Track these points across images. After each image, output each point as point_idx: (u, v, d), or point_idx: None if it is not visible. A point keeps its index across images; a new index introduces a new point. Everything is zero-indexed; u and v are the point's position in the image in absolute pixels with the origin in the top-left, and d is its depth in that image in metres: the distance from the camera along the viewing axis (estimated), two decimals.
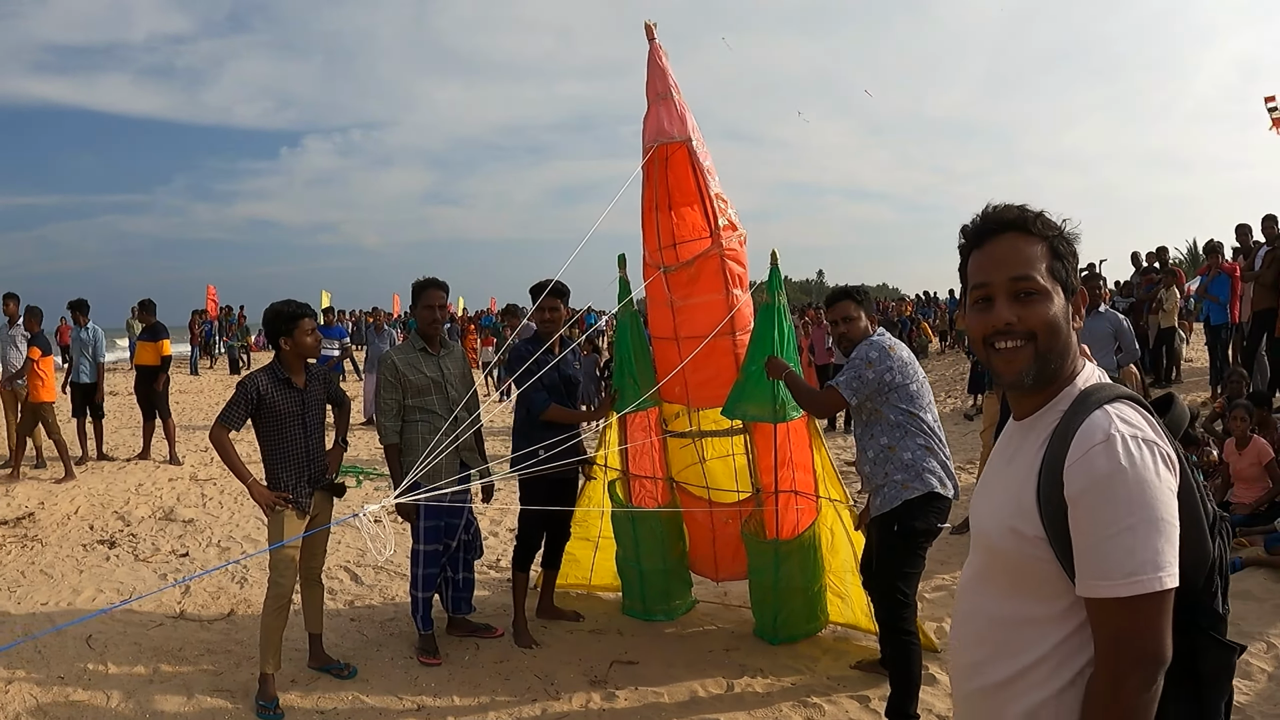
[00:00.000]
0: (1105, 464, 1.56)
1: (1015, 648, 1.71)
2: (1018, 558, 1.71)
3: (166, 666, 5.24)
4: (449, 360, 5.42)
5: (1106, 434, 1.58)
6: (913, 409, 4.42)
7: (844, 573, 5.54)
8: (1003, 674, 1.73)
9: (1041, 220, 1.79)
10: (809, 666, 5.20)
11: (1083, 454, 1.59)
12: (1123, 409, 1.64)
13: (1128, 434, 1.58)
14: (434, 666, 5.22)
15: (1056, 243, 1.78)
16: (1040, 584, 1.68)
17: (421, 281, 5.43)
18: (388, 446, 5.29)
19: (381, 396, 5.27)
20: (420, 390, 5.26)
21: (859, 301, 4.67)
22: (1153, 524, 1.54)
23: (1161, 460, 1.58)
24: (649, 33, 4.98)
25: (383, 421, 5.27)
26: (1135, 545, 1.53)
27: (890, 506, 4.38)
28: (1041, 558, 1.66)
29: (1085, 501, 1.58)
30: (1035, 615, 1.69)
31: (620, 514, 5.76)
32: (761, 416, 5.10)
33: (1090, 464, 1.58)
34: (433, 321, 5.38)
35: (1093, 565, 1.57)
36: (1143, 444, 1.58)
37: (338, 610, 6.13)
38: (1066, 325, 1.75)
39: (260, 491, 4.80)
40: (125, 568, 7.28)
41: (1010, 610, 1.74)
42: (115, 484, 10.41)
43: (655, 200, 5.19)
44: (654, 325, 5.60)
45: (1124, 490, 1.55)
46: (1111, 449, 1.57)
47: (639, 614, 5.94)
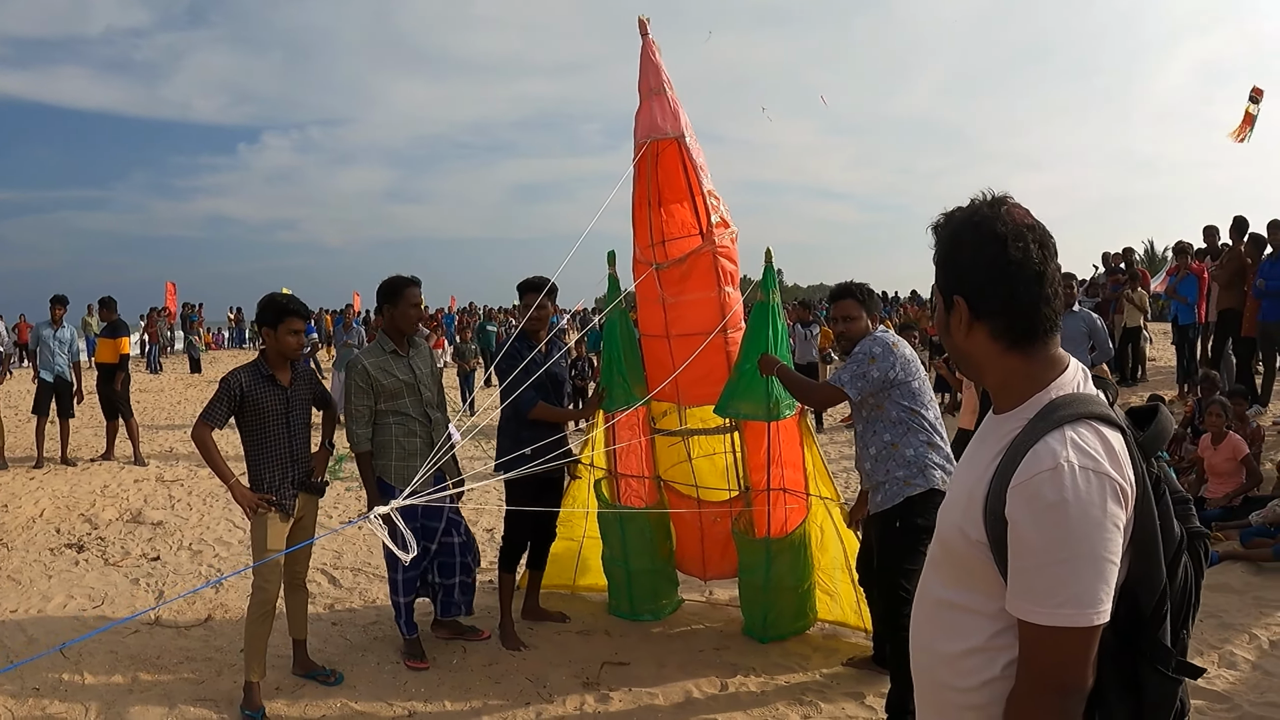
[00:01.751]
0: (1049, 494, 1.53)
1: (958, 632, 1.74)
2: (961, 554, 1.72)
3: (145, 675, 5.12)
4: (419, 360, 5.30)
5: (1055, 462, 1.54)
6: (915, 406, 4.44)
7: (833, 570, 5.54)
8: (949, 650, 1.75)
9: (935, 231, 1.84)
10: (801, 664, 5.19)
11: (1028, 478, 1.56)
12: (1083, 433, 1.59)
13: (1079, 464, 1.54)
14: (422, 671, 5.14)
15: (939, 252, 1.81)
16: (979, 582, 1.69)
17: (399, 280, 5.27)
18: (360, 454, 5.15)
19: (353, 403, 5.10)
20: (393, 394, 5.13)
21: (861, 300, 4.65)
22: (1089, 560, 1.52)
23: (1111, 494, 1.54)
24: (642, 27, 4.93)
25: (354, 429, 5.11)
26: (1067, 579, 1.52)
27: (892, 503, 4.40)
28: (982, 560, 1.66)
29: (1023, 527, 1.56)
30: (975, 608, 1.71)
31: (607, 514, 5.71)
32: (755, 415, 5.07)
33: (1033, 491, 1.55)
34: (416, 321, 5.28)
35: (1022, 588, 1.57)
36: (1093, 476, 1.53)
37: (318, 615, 6.02)
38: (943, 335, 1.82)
39: (242, 492, 4.70)
40: (95, 572, 7.12)
41: (953, 597, 1.76)
42: (80, 486, 10.19)
43: (647, 197, 5.14)
44: (644, 323, 5.54)
45: (1064, 523, 1.52)
46: (1058, 479, 1.53)
47: (626, 614, 5.89)
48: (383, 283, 5.28)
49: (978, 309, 1.72)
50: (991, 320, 1.72)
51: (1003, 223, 1.69)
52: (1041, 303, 1.69)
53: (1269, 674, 4.76)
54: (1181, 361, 12.64)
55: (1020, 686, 1.61)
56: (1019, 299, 1.68)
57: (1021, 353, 1.71)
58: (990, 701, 1.67)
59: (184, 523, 8.65)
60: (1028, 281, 1.68)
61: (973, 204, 1.76)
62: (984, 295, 1.71)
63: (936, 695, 1.81)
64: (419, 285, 5.32)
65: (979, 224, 1.72)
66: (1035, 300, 1.69)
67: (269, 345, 4.83)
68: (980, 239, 1.70)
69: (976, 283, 1.71)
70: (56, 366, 11.30)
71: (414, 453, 5.10)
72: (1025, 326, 1.70)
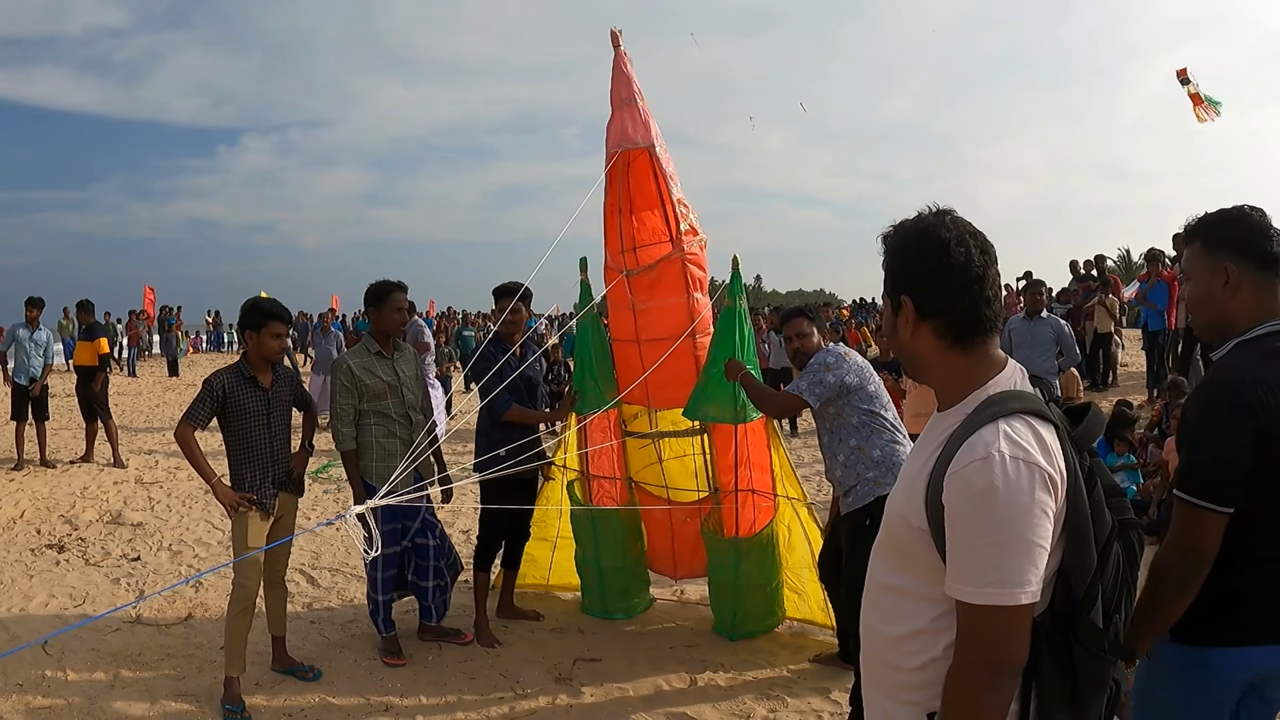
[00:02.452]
0: (979, 480, 1.64)
1: (902, 615, 1.84)
2: (904, 540, 1.82)
3: (127, 672, 5.21)
4: (403, 362, 5.43)
5: (987, 452, 1.65)
6: (874, 408, 4.65)
7: (801, 569, 5.68)
8: (894, 632, 1.86)
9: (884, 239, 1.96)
10: (769, 661, 5.32)
11: (962, 467, 1.67)
12: (1015, 425, 1.69)
13: (1009, 454, 1.64)
14: (398, 667, 5.25)
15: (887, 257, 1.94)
16: (922, 566, 1.79)
17: (385, 285, 5.42)
18: (345, 453, 5.28)
19: (338, 403, 5.24)
20: (376, 395, 5.26)
21: (811, 319, 5.03)
22: (1017, 543, 1.63)
23: (1040, 483, 1.65)
24: (614, 40, 5.06)
25: (339, 428, 5.24)
26: (997, 561, 1.63)
27: (864, 502, 4.57)
28: (924, 545, 1.77)
29: (957, 512, 1.67)
30: (917, 591, 1.81)
31: (580, 513, 5.83)
32: (722, 418, 5.21)
33: (966, 479, 1.66)
34: (400, 324, 5.42)
35: (957, 570, 1.68)
36: (1022, 465, 1.64)
37: (296, 613, 6.10)
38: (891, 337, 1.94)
39: (224, 491, 4.80)
40: (76, 572, 7.19)
41: (897, 581, 1.86)
42: (60, 487, 10.23)
43: (619, 205, 5.27)
44: (615, 328, 5.66)
45: (993, 508, 1.63)
46: (989, 467, 1.64)
47: (598, 612, 6.01)
48: (369, 287, 5.43)
49: (923, 308, 1.84)
50: (935, 319, 1.83)
51: (946, 229, 1.83)
52: (982, 303, 1.82)
53: None
54: (1151, 367, 12.84)
55: (957, 663, 1.71)
56: (961, 299, 1.81)
57: (963, 351, 1.83)
58: (933, 680, 1.77)
59: (164, 524, 8.72)
60: (969, 283, 1.80)
61: (919, 214, 1.90)
62: (929, 295, 1.83)
63: (882, 675, 1.91)
64: (404, 290, 5.48)
65: (925, 230, 1.85)
66: (976, 301, 1.81)
67: (251, 348, 4.96)
68: (926, 243, 1.83)
69: (922, 283, 1.84)
70: (32, 369, 11.28)
71: (393, 453, 5.21)
72: (967, 325, 1.82)
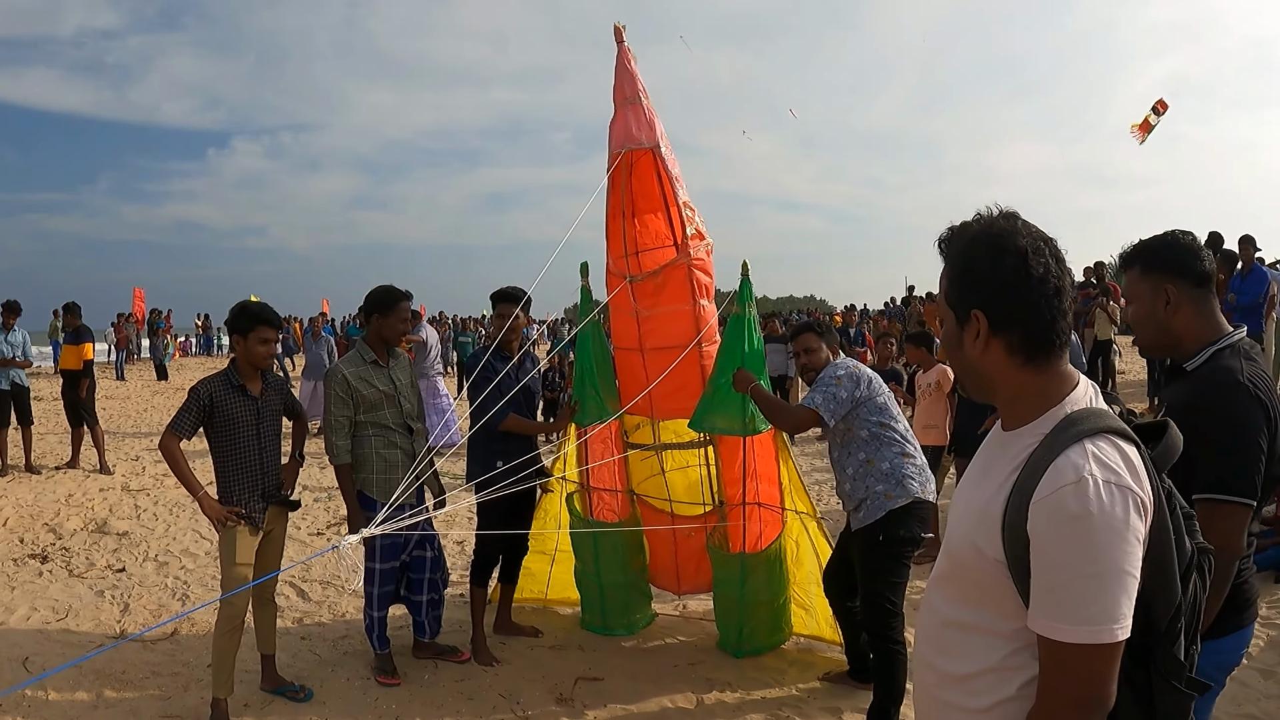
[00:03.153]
0: (1073, 507, 1.52)
1: (966, 652, 1.73)
2: (975, 572, 1.70)
3: (110, 691, 5.02)
4: (399, 371, 5.25)
5: (1079, 475, 1.53)
6: (884, 420, 4.56)
7: (809, 584, 5.52)
8: (958, 670, 1.74)
9: (944, 243, 1.81)
10: (777, 679, 5.17)
11: (1052, 491, 1.55)
12: (1103, 446, 1.58)
13: (1101, 478, 1.53)
14: (393, 686, 5.07)
15: (951, 265, 1.78)
16: (994, 600, 1.67)
17: (394, 293, 5.21)
18: (339, 466, 5.07)
19: (333, 413, 5.03)
20: (373, 405, 5.07)
21: (820, 334, 4.86)
22: (1113, 575, 1.52)
23: (1134, 508, 1.54)
24: (618, 35, 4.90)
25: (334, 440, 5.03)
26: (1092, 594, 1.52)
27: (875, 517, 4.46)
28: (998, 577, 1.65)
29: (1047, 541, 1.55)
30: (988, 627, 1.69)
31: (579, 528, 5.66)
32: (730, 430, 5.04)
33: (1058, 504, 1.54)
34: (402, 335, 5.26)
35: (1046, 605, 1.56)
36: (1115, 490, 1.53)
37: (287, 629, 5.94)
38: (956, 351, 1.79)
39: (211, 505, 4.62)
40: (59, 584, 7.00)
41: (965, 617, 1.74)
42: (44, 494, 10.04)
43: (621, 207, 5.11)
44: (618, 335, 5.50)
45: (1088, 537, 1.51)
46: (1082, 492, 1.52)
47: (599, 629, 5.84)
48: (374, 292, 5.21)
49: (997, 323, 1.70)
50: (1009, 334, 1.70)
51: (1021, 235, 1.68)
52: (1060, 317, 1.69)
53: (1245, 685, 4.78)
54: (1152, 375, 12.75)
55: (1042, 704, 1.60)
56: (1040, 313, 1.68)
57: (1036, 368, 1.70)
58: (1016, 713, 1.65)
59: (150, 533, 8.52)
60: (1049, 295, 1.67)
61: (985, 218, 1.75)
62: (1004, 309, 1.70)
63: (942, 715, 1.79)
64: (410, 299, 5.32)
65: (998, 236, 1.70)
66: (1054, 314, 1.68)
67: (239, 354, 4.77)
68: (999, 251, 1.69)
69: (997, 296, 1.70)
70: (13, 373, 11.08)
71: (395, 464, 5.04)
72: (1043, 341, 1.69)
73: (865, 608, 4.60)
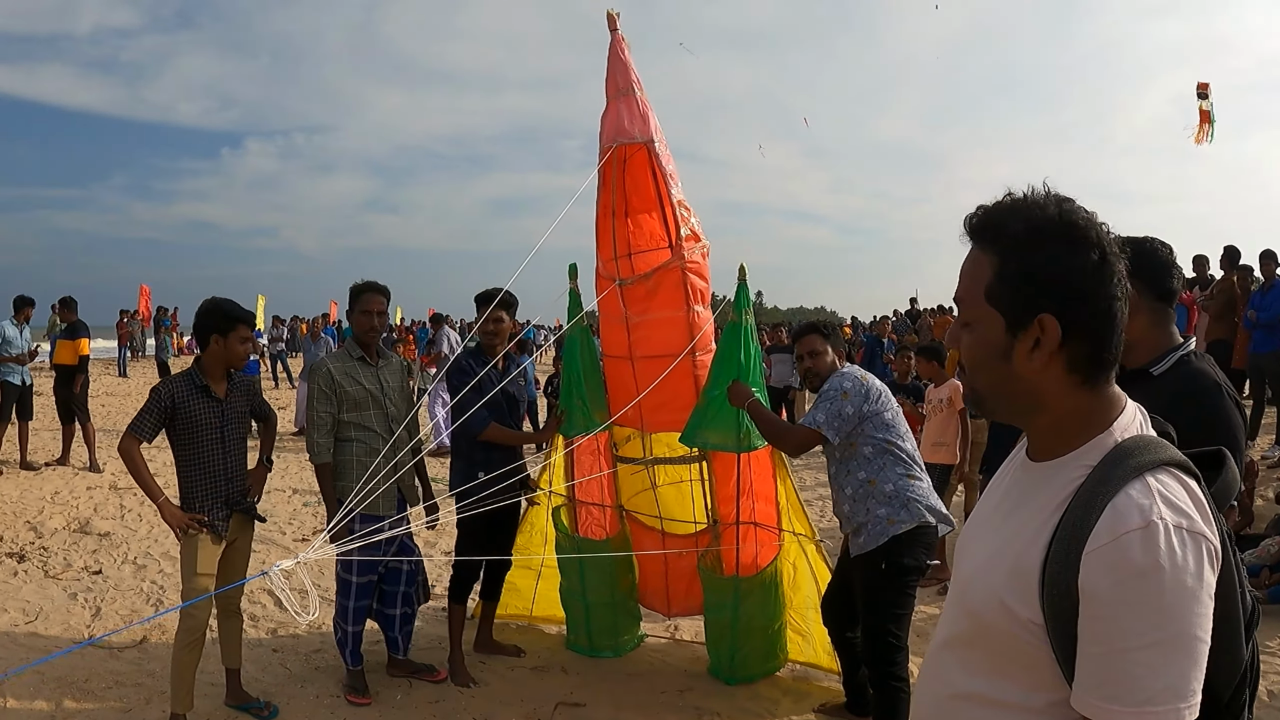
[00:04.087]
0: (1141, 559, 1.23)
1: None
2: (1001, 634, 1.39)
3: (70, 701, 4.78)
4: (387, 372, 5.00)
5: (1147, 520, 1.25)
6: (890, 437, 4.20)
7: (805, 610, 5.23)
8: None
9: (992, 229, 1.43)
10: (770, 710, 4.89)
11: (1113, 540, 1.26)
12: (1168, 483, 1.30)
13: (1172, 523, 1.25)
14: (363, 706, 4.81)
15: (1006, 259, 1.41)
16: (1028, 671, 1.37)
17: (359, 285, 5.01)
18: (319, 466, 4.84)
19: (315, 409, 4.81)
20: (357, 404, 4.83)
21: (825, 335, 4.49)
22: (1183, 642, 1.23)
23: (1207, 559, 1.26)
24: (611, 23, 4.62)
25: (315, 437, 4.80)
26: (1158, 666, 1.23)
27: (877, 543, 4.13)
28: (1033, 644, 1.34)
29: (1106, 601, 1.25)
30: (1015, 702, 1.39)
31: (565, 544, 5.39)
32: (724, 445, 4.75)
33: (1121, 555, 1.24)
34: (369, 329, 4.94)
35: (1100, 680, 1.27)
36: (1188, 537, 1.25)
37: (259, 639, 5.69)
38: (998, 364, 1.42)
39: (171, 512, 4.39)
40: (33, 584, 6.77)
41: (985, 690, 1.43)
42: (30, 491, 9.82)
43: (612, 206, 4.83)
44: (607, 343, 5.22)
45: (1158, 596, 1.23)
46: (1151, 541, 1.24)
47: (584, 650, 5.57)
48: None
49: (1070, 331, 1.38)
50: (1079, 347, 1.38)
51: (1094, 226, 1.38)
52: (1123, 328, 1.40)
53: None
54: None
55: None
56: (1118, 324, 1.38)
57: (1094, 388, 1.41)
58: None
59: (132, 534, 8.28)
60: (1123, 301, 1.38)
61: (1040, 199, 1.41)
62: (1081, 314, 1.37)
63: None
64: (379, 291, 5.02)
65: (1074, 226, 1.37)
66: (1122, 325, 1.39)
67: (215, 353, 4.55)
68: (1080, 245, 1.37)
69: (1076, 301, 1.37)
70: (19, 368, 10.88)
71: (376, 473, 4.75)
72: (1111, 358, 1.40)
73: (866, 640, 4.26)
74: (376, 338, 5.00)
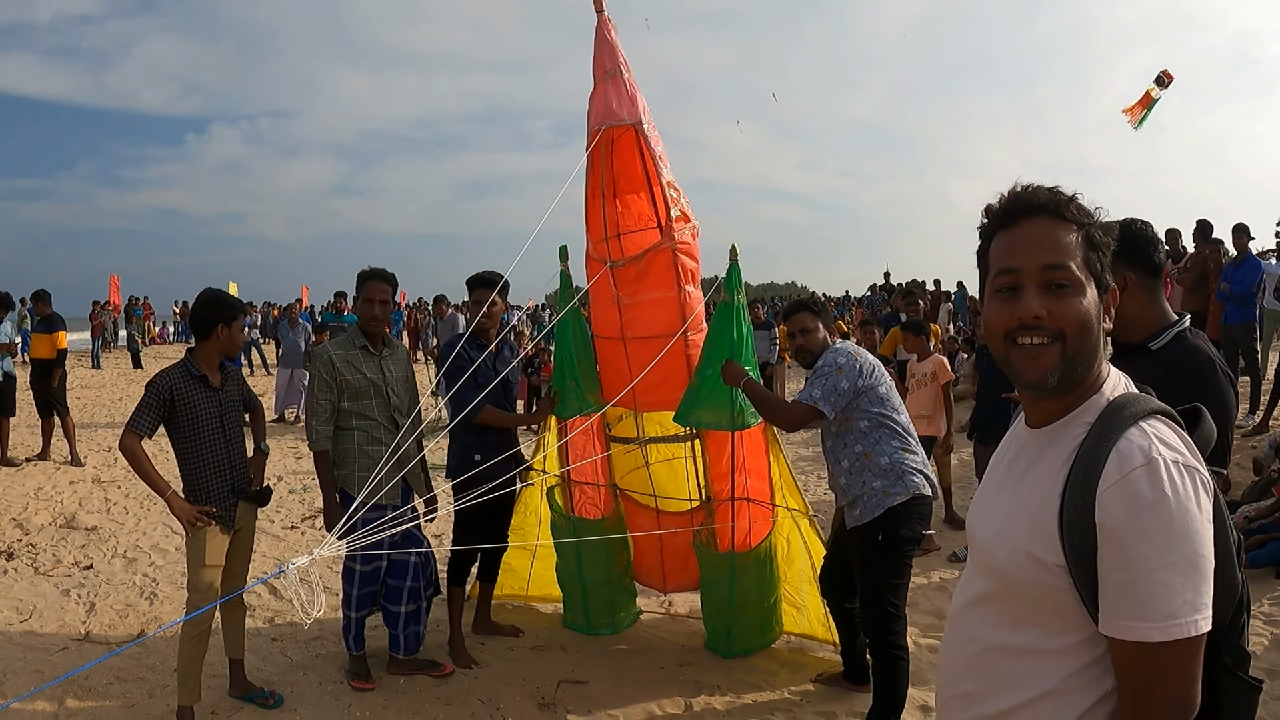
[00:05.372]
0: (1148, 491, 1.39)
1: (1018, 680, 1.55)
2: (1030, 585, 1.52)
3: (72, 699, 4.77)
4: (391, 361, 4.97)
5: (1148, 456, 1.41)
6: (885, 411, 4.27)
7: (800, 583, 5.31)
8: (1003, 705, 1.56)
9: (1076, 205, 1.59)
10: (768, 681, 4.97)
11: (1121, 478, 1.41)
12: (1160, 427, 1.47)
13: (1169, 458, 1.41)
14: (367, 691, 4.84)
15: (1092, 231, 1.58)
16: (1054, 615, 1.51)
17: (365, 272, 4.97)
18: (318, 454, 4.81)
19: (315, 396, 4.77)
20: (359, 392, 4.80)
21: (816, 313, 4.54)
22: (1194, 561, 1.39)
23: (1202, 488, 1.43)
24: (597, 4, 4.63)
25: (314, 424, 4.77)
26: (1175, 584, 1.38)
27: (873, 515, 4.20)
28: (1058, 587, 1.48)
29: (1122, 532, 1.40)
30: (1044, 647, 1.53)
31: (561, 524, 5.43)
32: (718, 424, 4.80)
33: (1131, 489, 1.40)
34: (371, 317, 4.91)
35: (1125, 603, 1.41)
36: (1184, 470, 1.41)
37: (257, 629, 5.71)
38: (1098, 325, 1.56)
39: (180, 505, 4.39)
40: (24, 582, 6.75)
41: (1015, 640, 1.57)
42: (12, 488, 9.76)
43: (601, 188, 4.85)
44: (598, 324, 5.23)
45: (1167, 522, 1.38)
46: (1155, 474, 1.39)
47: (582, 628, 5.63)
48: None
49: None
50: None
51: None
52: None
53: None
54: None
55: (1126, 716, 1.45)
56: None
57: None
58: None
59: (119, 528, 8.28)
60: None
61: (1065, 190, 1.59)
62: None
63: None
64: (384, 279, 4.97)
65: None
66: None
67: (217, 343, 4.56)
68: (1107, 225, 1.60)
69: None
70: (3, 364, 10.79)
71: (379, 462, 4.73)
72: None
73: (865, 611, 4.34)
74: (379, 326, 4.96)
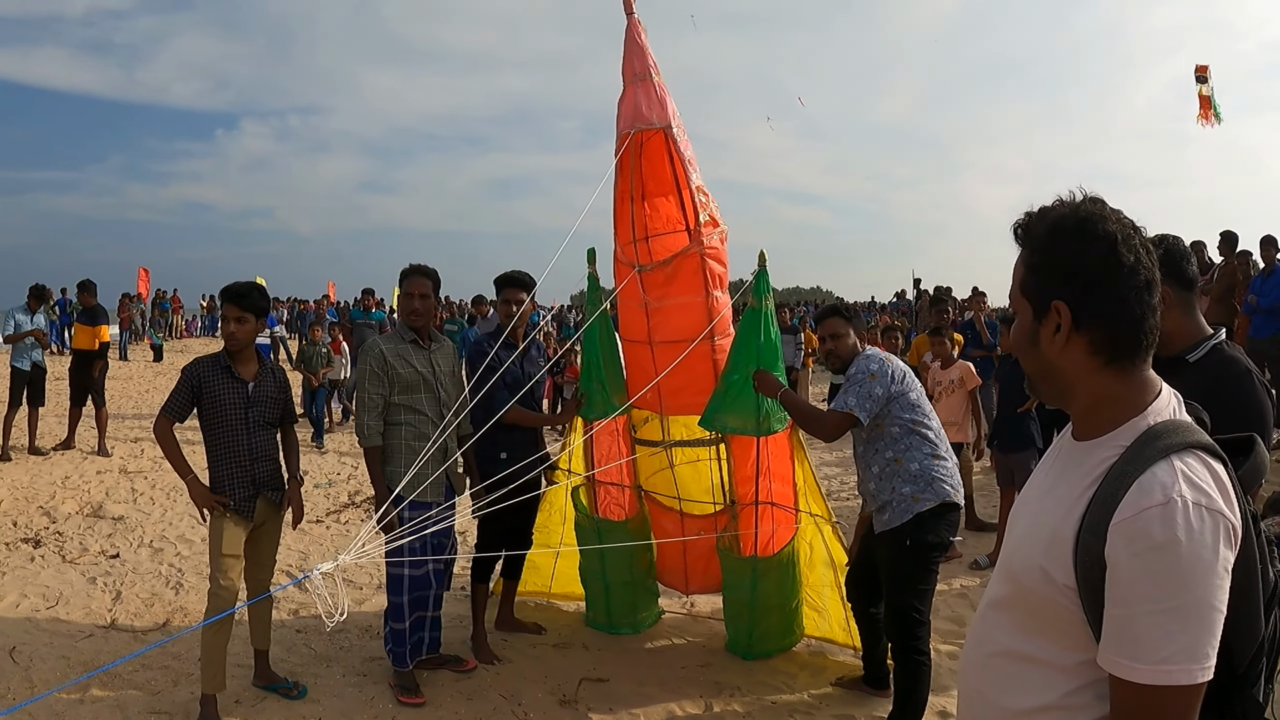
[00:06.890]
0: (1159, 532, 1.36)
1: (1022, 688, 1.56)
2: (1042, 598, 1.53)
3: (96, 687, 4.82)
4: (440, 356, 4.97)
5: (1168, 496, 1.37)
6: (916, 417, 4.30)
7: (821, 587, 5.32)
8: (1014, 706, 1.57)
9: (1021, 228, 1.62)
10: (788, 684, 4.99)
11: (1135, 513, 1.39)
12: (1192, 464, 1.42)
13: (1192, 500, 1.37)
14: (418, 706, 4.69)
15: (1034, 254, 1.60)
16: (1061, 630, 1.51)
17: (407, 268, 5.00)
18: (368, 449, 4.79)
19: (366, 390, 4.75)
20: (409, 386, 4.79)
21: (848, 319, 4.57)
22: (1198, 609, 1.36)
23: (1224, 535, 1.38)
24: (627, 5, 4.64)
25: (365, 419, 4.74)
26: (1174, 630, 1.36)
27: (901, 520, 4.22)
28: (1067, 605, 1.48)
29: (1127, 568, 1.39)
30: (1050, 660, 1.53)
31: (585, 524, 5.46)
32: (744, 429, 4.80)
33: (1141, 527, 1.38)
34: (410, 311, 4.91)
35: (1120, 640, 1.40)
36: (1206, 514, 1.37)
37: (281, 620, 5.75)
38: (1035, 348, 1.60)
39: (199, 490, 4.47)
40: (51, 569, 6.83)
41: (1024, 648, 1.58)
42: (40, 476, 9.88)
43: (630, 191, 4.86)
44: (625, 328, 5.25)
45: (1174, 566, 1.36)
46: (1169, 515, 1.36)
47: (604, 627, 5.66)
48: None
49: (1081, 316, 1.53)
50: (1094, 330, 1.53)
51: (1110, 220, 1.51)
52: (1150, 314, 1.52)
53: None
54: None
55: None
56: (1130, 308, 1.51)
57: (1119, 370, 1.54)
58: None
59: (146, 518, 8.36)
60: (1139, 288, 1.50)
61: (1068, 202, 1.57)
62: (1091, 300, 1.52)
63: None
64: (427, 275, 4.98)
65: (1085, 220, 1.52)
66: (1145, 311, 1.51)
67: None
68: (1088, 236, 1.52)
69: (1083, 286, 1.52)
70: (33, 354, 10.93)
71: (428, 458, 4.66)
72: (1131, 340, 1.52)
73: (890, 616, 4.34)
74: (421, 320, 4.93)
